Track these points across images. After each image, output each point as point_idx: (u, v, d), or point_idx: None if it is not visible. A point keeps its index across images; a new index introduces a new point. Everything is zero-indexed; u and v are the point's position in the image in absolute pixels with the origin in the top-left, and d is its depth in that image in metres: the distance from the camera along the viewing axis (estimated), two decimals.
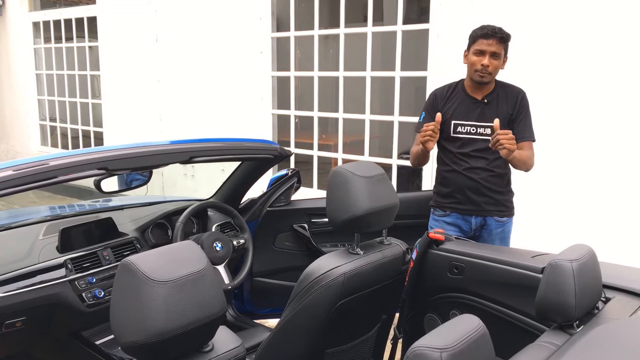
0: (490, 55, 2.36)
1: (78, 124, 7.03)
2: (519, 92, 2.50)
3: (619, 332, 1.20)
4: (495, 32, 2.35)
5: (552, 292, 1.29)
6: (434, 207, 2.62)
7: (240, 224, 2.52)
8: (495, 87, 2.49)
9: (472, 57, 2.41)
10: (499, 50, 2.37)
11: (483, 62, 2.36)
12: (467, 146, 2.47)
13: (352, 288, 1.70)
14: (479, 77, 2.39)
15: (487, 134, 2.43)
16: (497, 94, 2.48)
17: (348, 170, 1.76)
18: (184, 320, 1.13)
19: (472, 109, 2.48)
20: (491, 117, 2.39)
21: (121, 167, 1.83)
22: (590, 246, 1.38)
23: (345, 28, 4.43)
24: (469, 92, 2.50)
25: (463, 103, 2.49)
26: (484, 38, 2.36)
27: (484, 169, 2.45)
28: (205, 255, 1.24)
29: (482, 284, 1.81)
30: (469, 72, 2.46)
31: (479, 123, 2.46)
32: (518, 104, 2.46)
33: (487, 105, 2.46)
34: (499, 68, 2.42)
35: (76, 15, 6.67)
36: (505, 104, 2.46)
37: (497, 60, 2.38)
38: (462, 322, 1.02)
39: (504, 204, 2.52)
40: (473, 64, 2.41)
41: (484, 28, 2.38)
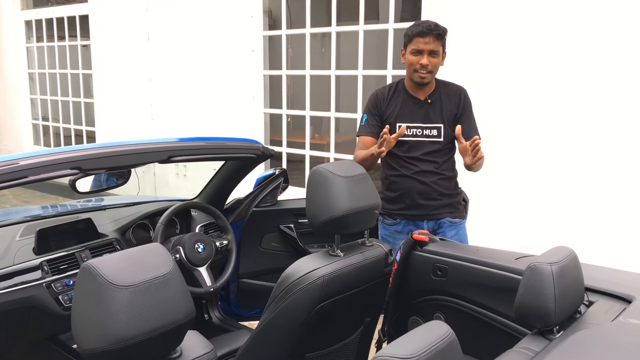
0: (429, 54, 2.27)
1: (70, 123, 6.99)
2: (461, 90, 2.42)
3: (599, 337, 1.15)
4: (431, 29, 2.25)
5: (531, 296, 1.24)
6: (382, 215, 2.49)
7: (223, 224, 2.47)
8: (437, 86, 2.41)
9: (409, 56, 2.31)
10: (437, 47, 2.27)
11: (422, 62, 2.26)
12: (415, 149, 2.37)
13: (331, 291, 1.66)
14: (419, 77, 2.30)
15: (433, 135, 2.36)
16: (439, 93, 2.40)
17: (328, 170, 1.71)
18: (147, 326, 1.09)
19: (415, 110, 2.38)
20: (436, 118, 2.36)
21: (95, 167, 1.78)
22: (572, 248, 1.33)
23: (337, 26, 4.39)
24: (410, 92, 2.40)
25: (406, 104, 2.39)
26: (419, 36, 2.25)
27: (434, 173, 2.37)
28: (172, 258, 1.20)
29: (465, 286, 1.77)
30: (408, 72, 2.36)
31: (425, 124, 2.37)
32: (462, 103, 2.39)
33: (430, 105, 2.37)
34: (439, 65, 2.33)
35: (68, 13, 6.63)
36: (449, 103, 2.38)
37: (435, 58, 2.28)
38: (429, 330, 0.98)
39: (455, 205, 2.45)
40: (411, 64, 2.30)
41: (419, 25, 2.28)
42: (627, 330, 1.19)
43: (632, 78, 3.05)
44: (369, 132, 2.42)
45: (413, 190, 2.37)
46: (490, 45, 3.51)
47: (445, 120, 2.37)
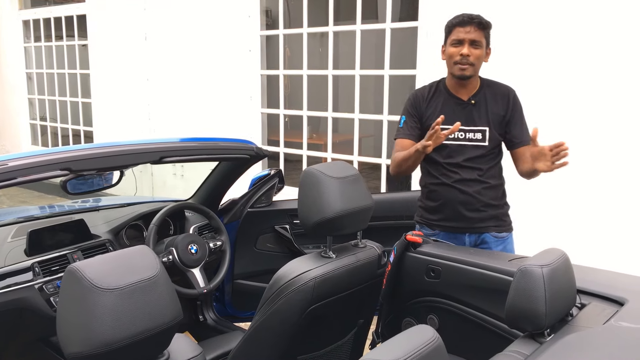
0: (470, 44, 2.08)
1: (68, 123, 6.98)
2: (509, 90, 2.21)
3: (589, 341, 1.14)
4: (472, 17, 2.09)
5: (521, 299, 1.23)
6: (420, 224, 2.30)
7: (217, 225, 2.46)
8: (482, 85, 2.20)
9: (449, 49, 2.13)
10: (479, 37, 2.09)
11: (462, 52, 2.08)
12: (457, 155, 2.16)
13: (323, 293, 1.64)
14: (460, 70, 2.10)
15: (477, 139, 2.15)
16: (484, 93, 2.19)
17: (320, 171, 1.70)
18: (133, 330, 1.07)
19: (458, 111, 2.17)
20: (481, 120, 2.16)
21: (86, 168, 1.77)
22: (564, 250, 1.32)
23: (334, 26, 4.37)
24: (452, 92, 2.20)
25: (447, 104, 2.19)
26: (460, 26, 2.09)
27: (478, 181, 2.15)
28: (158, 261, 1.18)
29: (458, 288, 1.76)
30: (448, 67, 2.17)
31: (467, 127, 2.15)
32: (511, 104, 2.17)
33: (474, 106, 2.17)
34: (482, 60, 2.14)
35: (66, 13, 6.62)
36: (495, 104, 2.17)
37: (478, 49, 2.10)
38: (415, 334, 0.97)
39: (501, 218, 2.21)
40: (451, 56, 2.12)
41: (460, 15, 2.13)
42: (617, 333, 1.18)
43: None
44: (408, 134, 2.23)
45: (454, 200, 2.14)
46: None
47: (490, 123, 2.16)
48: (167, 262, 2.20)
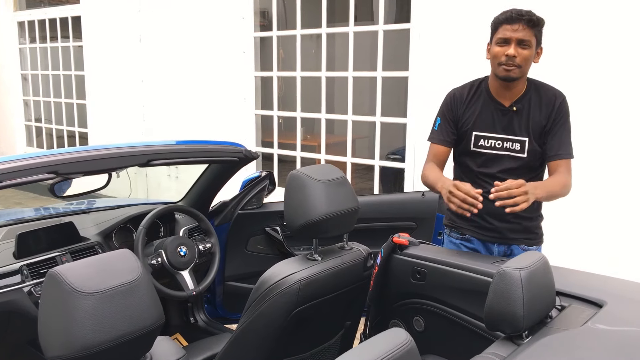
0: (517, 44, 1.89)
1: (63, 125, 6.98)
2: (556, 96, 1.98)
3: (565, 343, 1.15)
4: (521, 14, 1.88)
5: (499, 301, 1.24)
6: (450, 228, 2.18)
7: (206, 227, 2.47)
8: (528, 89, 2.00)
9: (495, 48, 1.93)
10: (528, 37, 1.88)
11: (508, 52, 1.89)
12: (492, 165, 2.02)
13: (308, 295, 1.65)
14: (505, 71, 1.91)
15: (515, 149, 1.99)
16: (529, 99, 1.99)
17: (305, 174, 1.71)
18: (113, 334, 1.08)
19: (497, 118, 2.01)
20: (521, 130, 1.97)
21: (73, 171, 1.78)
22: (544, 254, 1.33)
23: (327, 28, 4.38)
24: (494, 96, 2.03)
25: (487, 109, 2.03)
26: (507, 23, 1.89)
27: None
28: (140, 264, 1.19)
29: (443, 290, 1.77)
30: (492, 67, 1.98)
31: (505, 136, 2.00)
32: (555, 112, 1.96)
33: (516, 113, 1.98)
34: (530, 61, 1.93)
35: (61, 15, 6.62)
36: (538, 112, 1.97)
37: (526, 49, 1.89)
38: (387, 338, 0.98)
39: (533, 230, 2.08)
40: (496, 56, 1.93)
41: (507, 12, 1.92)
42: (593, 336, 1.19)
43: None
44: (442, 139, 2.09)
45: (484, 211, 1.94)
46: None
47: (531, 133, 1.97)
48: (156, 264, 2.21)
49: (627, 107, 3.05)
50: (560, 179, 1.93)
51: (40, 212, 2.72)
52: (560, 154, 1.95)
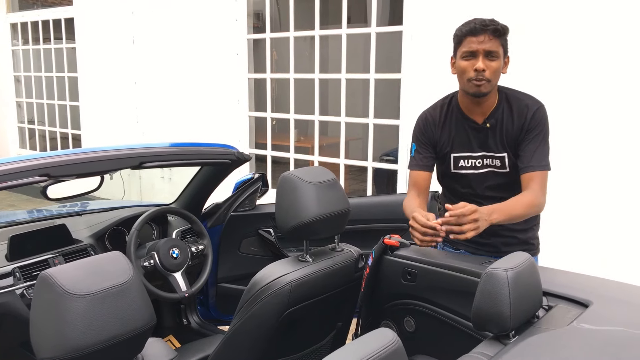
0: (485, 56, 1.78)
1: (56, 126, 6.97)
2: (529, 106, 1.86)
3: (550, 342, 1.17)
4: (486, 25, 1.77)
5: (486, 301, 1.26)
6: (443, 242, 2.08)
7: (199, 229, 2.48)
8: (500, 101, 1.89)
9: (460, 62, 1.82)
10: (495, 47, 1.78)
11: (476, 66, 1.78)
12: (477, 184, 1.94)
13: (300, 296, 1.67)
14: (475, 87, 1.80)
15: (496, 166, 1.91)
16: (501, 112, 1.88)
17: (297, 176, 1.73)
18: (105, 335, 1.10)
19: (473, 136, 1.92)
20: (497, 146, 1.89)
21: (65, 174, 1.78)
22: (529, 255, 1.35)
23: (320, 30, 4.40)
24: (466, 113, 1.93)
25: (461, 128, 1.94)
26: (472, 35, 1.78)
27: None
28: (132, 266, 1.20)
29: (434, 291, 1.79)
30: (460, 83, 1.87)
31: (484, 153, 1.92)
32: (527, 123, 1.84)
33: (490, 129, 1.89)
34: (500, 72, 1.83)
35: (54, 16, 6.61)
36: (511, 125, 1.86)
37: (495, 61, 1.79)
38: (375, 338, 0.99)
39: (529, 241, 2.01)
40: (464, 71, 1.82)
41: (470, 22, 1.81)
42: (578, 335, 1.21)
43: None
44: (420, 165, 2.00)
45: None
46: None
47: (507, 148, 1.88)
48: (149, 266, 2.22)
49: (617, 110, 3.08)
50: (526, 198, 1.79)
51: (33, 214, 2.72)
52: (532, 166, 1.82)
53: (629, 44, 3.01)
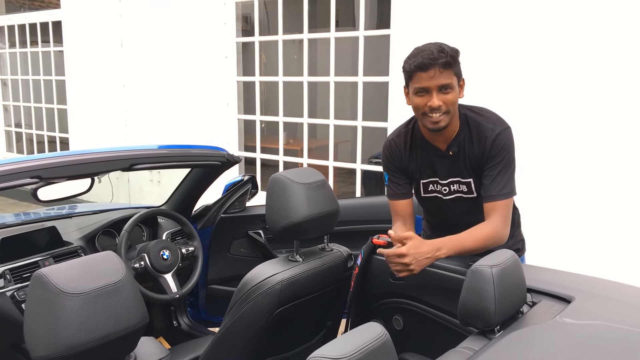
0: (438, 90, 1.69)
1: (44, 130, 6.93)
2: (491, 131, 1.77)
3: (533, 336, 1.21)
4: (433, 57, 1.65)
5: (472, 297, 1.29)
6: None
7: (189, 231, 2.49)
8: (462, 126, 1.81)
9: (414, 98, 1.73)
10: (448, 79, 1.68)
11: (430, 104, 1.69)
12: (449, 208, 1.92)
13: (290, 296, 1.69)
14: (432, 123, 1.73)
15: (464, 191, 1.87)
16: (463, 138, 1.80)
17: (286, 177, 1.76)
18: (98, 333, 1.11)
19: (438, 163, 1.87)
20: (462, 172, 1.84)
21: (56, 176, 1.79)
22: (513, 252, 1.39)
23: (308, 33, 4.43)
24: (428, 140, 1.86)
25: (426, 156, 1.88)
26: (421, 70, 1.67)
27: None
28: (124, 266, 1.22)
29: (421, 289, 1.82)
30: (417, 117, 1.82)
31: (450, 179, 1.88)
32: (488, 149, 1.76)
33: (453, 157, 1.83)
34: (457, 103, 1.75)
35: (41, 19, 6.58)
36: (473, 152, 1.80)
37: (450, 93, 1.69)
38: (364, 331, 1.02)
39: (513, 246, 1.93)
40: (418, 108, 1.74)
41: (417, 56, 1.69)
42: (560, 329, 1.25)
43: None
44: (397, 194, 1.94)
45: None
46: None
47: (472, 174, 1.83)
48: (139, 268, 2.23)
49: (607, 112, 3.14)
50: (483, 230, 1.71)
51: (21, 217, 2.71)
52: (492, 195, 1.75)
53: (631, 40, 3.03)
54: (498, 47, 3.43)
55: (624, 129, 3.08)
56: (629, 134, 3.07)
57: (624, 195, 3.11)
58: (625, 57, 3.06)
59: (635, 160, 3.07)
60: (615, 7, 3.04)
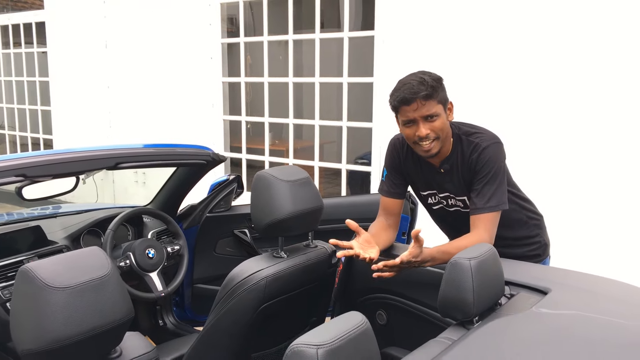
0: (424, 120, 1.74)
1: (27, 132, 6.87)
2: (476, 146, 1.81)
3: (509, 326, 1.25)
4: (414, 91, 1.70)
5: (451, 289, 1.33)
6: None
7: (174, 230, 2.50)
8: (455, 145, 1.85)
9: (404, 129, 1.80)
10: (433, 109, 1.72)
11: (419, 133, 1.74)
12: (449, 219, 1.98)
13: (275, 291, 1.72)
14: (424, 152, 1.79)
15: (460, 206, 1.92)
16: (456, 156, 1.85)
17: (271, 175, 1.78)
18: (84, 327, 1.12)
19: (432, 178, 1.92)
20: (455, 189, 1.88)
21: (41, 174, 1.80)
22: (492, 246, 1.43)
23: (293, 34, 4.46)
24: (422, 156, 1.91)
25: (420, 168, 1.94)
26: (404, 105, 1.73)
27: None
28: (110, 261, 1.24)
29: (404, 284, 1.85)
30: (410, 145, 1.86)
31: (446, 194, 1.92)
32: (475, 164, 1.80)
33: (446, 174, 1.88)
34: (447, 127, 1.79)
35: (25, 20, 6.53)
36: (462, 169, 1.84)
37: (436, 120, 1.74)
38: (345, 320, 1.05)
39: (530, 253, 1.98)
40: (409, 138, 1.80)
41: (400, 90, 1.74)
42: (535, 319, 1.29)
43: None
44: (389, 192, 1.98)
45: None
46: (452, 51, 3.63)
47: (465, 191, 1.87)
48: (125, 266, 2.24)
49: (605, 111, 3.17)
50: (466, 243, 1.68)
51: (4, 217, 2.70)
52: (477, 209, 1.78)
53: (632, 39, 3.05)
54: (485, 46, 3.49)
55: (623, 130, 3.12)
56: (628, 134, 3.10)
57: (626, 196, 3.13)
58: (629, 57, 3.06)
59: (635, 160, 3.11)
60: (613, 7, 3.07)
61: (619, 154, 3.15)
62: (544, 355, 1.14)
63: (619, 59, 3.11)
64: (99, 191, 4.57)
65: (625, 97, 3.11)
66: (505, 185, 1.82)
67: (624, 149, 3.14)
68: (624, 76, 3.10)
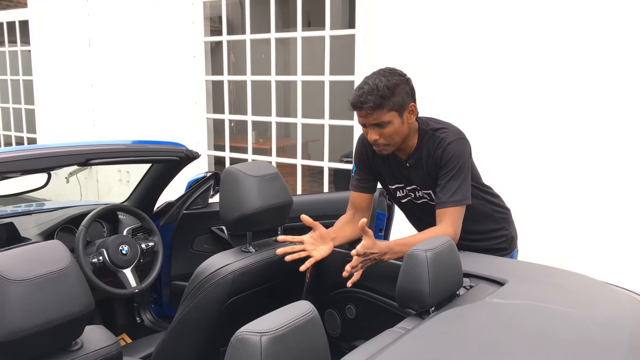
0: (374, 127, 1.76)
1: (11, 130, 6.84)
2: (441, 142, 1.82)
3: (462, 314, 1.27)
4: (362, 101, 1.71)
5: (408, 280, 1.35)
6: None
7: (149, 226, 2.51)
8: (420, 140, 1.87)
9: (362, 127, 1.84)
10: (380, 117, 1.73)
11: (369, 137, 1.80)
12: (417, 212, 2.01)
13: (242, 285, 1.73)
14: (378, 151, 1.86)
15: (427, 198, 1.94)
16: (420, 151, 1.87)
17: (239, 170, 1.80)
18: (42, 319, 1.14)
19: (399, 171, 1.95)
20: (421, 182, 1.91)
21: (10, 170, 1.80)
22: (449, 238, 1.45)
23: (275, 33, 4.48)
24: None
25: (388, 163, 1.97)
26: (355, 109, 1.77)
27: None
28: (69, 254, 1.25)
29: (373, 278, 1.87)
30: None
31: (413, 187, 1.96)
32: (439, 160, 1.82)
33: (412, 168, 1.91)
34: (401, 129, 1.78)
35: (8, 19, 6.50)
36: (427, 164, 1.87)
37: (387, 127, 1.75)
38: (292, 308, 1.07)
39: (496, 246, 2.03)
40: (365, 136, 1.87)
41: (354, 94, 1.76)
42: (487, 308, 1.32)
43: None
44: (358, 187, 2.01)
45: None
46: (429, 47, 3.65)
47: (431, 185, 1.89)
48: (98, 262, 2.24)
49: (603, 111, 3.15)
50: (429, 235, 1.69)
51: None
52: (442, 202, 1.80)
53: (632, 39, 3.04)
54: (464, 43, 3.52)
55: (601, 124, 3.13)
56: (626, 133, 3.10)
57: (620, 196, 3.15)
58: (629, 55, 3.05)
59: (635, 160, 3.11)
60: (610, 8, 3.07)
61: (597, 149, 3.18)
62: (493, 342, 1.16)
63: (592, 51, 3.12)
64: (82, 190, 4.56)
65: (603, 90, 3.12)
66: (469, 180, 1.84)
67: (601, 143, 3.17)
68: (619, 74, 3.08)
